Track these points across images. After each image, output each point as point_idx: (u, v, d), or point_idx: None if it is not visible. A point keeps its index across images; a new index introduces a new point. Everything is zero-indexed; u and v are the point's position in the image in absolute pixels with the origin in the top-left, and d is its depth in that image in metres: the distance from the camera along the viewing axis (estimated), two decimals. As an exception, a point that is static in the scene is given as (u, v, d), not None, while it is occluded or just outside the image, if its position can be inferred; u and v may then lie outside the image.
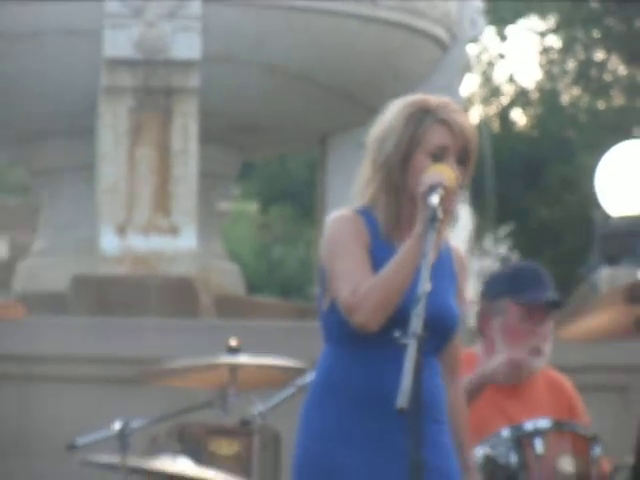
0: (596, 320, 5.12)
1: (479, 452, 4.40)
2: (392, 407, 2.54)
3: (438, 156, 3.10)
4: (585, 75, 25.51)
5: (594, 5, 26.65)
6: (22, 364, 9.28)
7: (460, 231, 16.28)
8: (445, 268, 3.23)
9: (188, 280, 10.96)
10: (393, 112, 3.15)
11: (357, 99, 11.91)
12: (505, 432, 4.65)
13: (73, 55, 11.19)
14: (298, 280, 19.09)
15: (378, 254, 2.96)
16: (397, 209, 3.09)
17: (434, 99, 3.30)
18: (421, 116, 3.11)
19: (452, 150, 3.07)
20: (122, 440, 5.58)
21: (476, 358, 5.30)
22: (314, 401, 3.29)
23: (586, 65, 25.36)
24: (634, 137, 20.08)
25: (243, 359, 5.90)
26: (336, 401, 3.17)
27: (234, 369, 5.95)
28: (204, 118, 11.06)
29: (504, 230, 24.56)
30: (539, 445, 4.52)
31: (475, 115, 22.82)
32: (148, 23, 10.85)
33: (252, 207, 23.45)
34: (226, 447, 6.57)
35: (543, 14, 26.81)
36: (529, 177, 22.43)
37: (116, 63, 10.88)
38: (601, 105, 25.73)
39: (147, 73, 10.96)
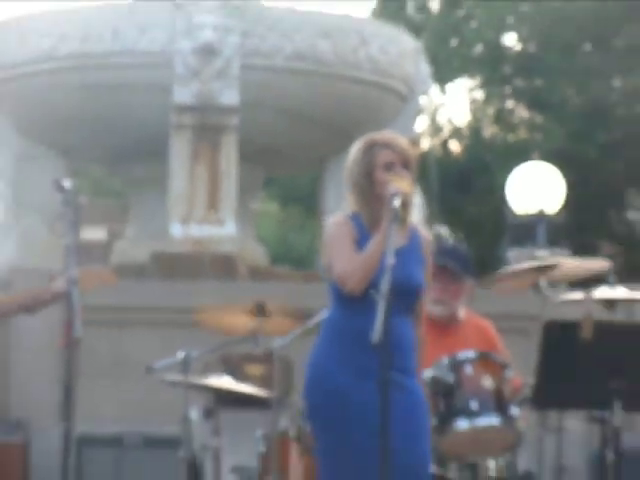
0: (509, 284, 5.51)
1: (427, 374, 4.43)
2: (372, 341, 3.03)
3: (389, 168, 3.46)
4: (500, 118, 25.64)
5: (507, 69, 25.19)
6: (116, 313, 9.55)
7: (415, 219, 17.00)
8: (415, 250, 3.61)
9: (230, 256, 11.22)
10: (355, 148, 3.60)
11: (346, 133, 11.26)
12: (445, 360, 4.70)
13: (154, 101, 11.40)
14: (306, 258, 19.86)
15: (364, 244, 3.37)
16: (373, 213, 3.44)
17: (379, 134, 3.79)
18: (371, 146, 3.57)
19: (397, 163, 3.49)
20: (184, 365, 5.84)
21: None
22: (323, 339, 3.72)
23: (501, 111, 25.55)
24: (532, 160, 20.08)
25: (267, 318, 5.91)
26: (338, 340, 3.58)
27: (261, 321, 5.83)
28: (240, 146, 11.27)
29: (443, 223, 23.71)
30: (468, 369, 4.66)
31: (425, 145, 22.32)
32: (202, 81, 11.10)
33: (274, 206, 24.52)
34: (255, 370, 7.68)
35: (472, 75, 26.09)
36: (462, 187, 22.10)
37: (181, 108, 11.16)
38: (511, 138, 24.65)
39: (202, 116, 11.28)
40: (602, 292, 5.46)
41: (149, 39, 11.53)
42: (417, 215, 8.67)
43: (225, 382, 6.10)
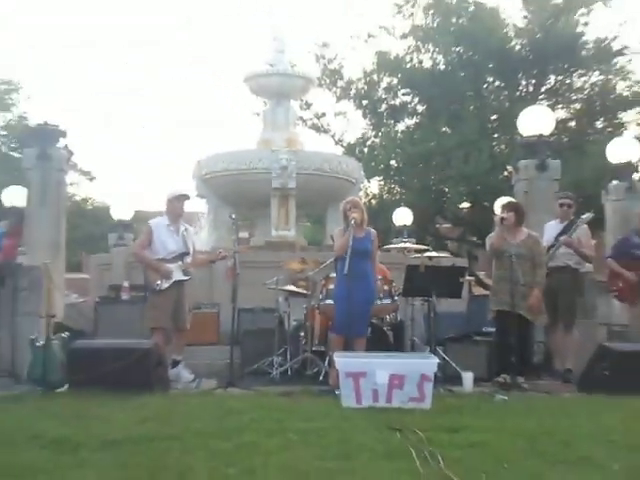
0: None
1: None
2: (352, 275, 8.71)
3: (351, 209, 9.27)
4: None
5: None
6: (252, 263, 12.69)
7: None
8: (367, 238, 9.36)
9: (292, 241, 15.85)
10: (342, 203, 9.65)
11: (335, 197, 16.05)
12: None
13: (267, 185, 15.97)
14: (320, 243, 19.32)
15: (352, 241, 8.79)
16: (348, 226, 9.05)
17: (349, 198, 10.40)
18: (346, 202, 9.56)
19: (353, 207, 9.28)
20: (278, 283, 10.55)
21: None
22: (338, 273, 9.35)
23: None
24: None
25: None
26: (342, 274, 8.89)
27: (304, 265, 10.93)
28: (296, 200, 16.06)
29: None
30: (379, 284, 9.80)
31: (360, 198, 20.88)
32: (283, 178, 15.67)
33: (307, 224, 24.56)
34: (303, 283, 10.85)
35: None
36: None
37: (275, 188, 15.75)
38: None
39: (282, 190, 15.81)
40: (426, 254, 10.99)
41: (267, 163, 16.01)
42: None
43: (291, 287, 10.85)
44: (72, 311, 11.33)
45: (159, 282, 10.05)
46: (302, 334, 10.36)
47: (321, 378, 9.20)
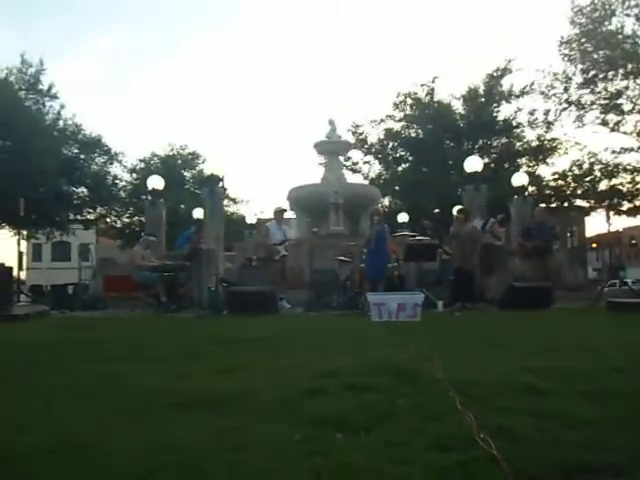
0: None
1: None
2: (375, 250, 8.96)
3: (374, 215, 9.41)
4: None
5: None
6: (312, 244, 12.69)
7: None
8: (383, 230, 8.88)
9: (341, 233, 14.80)
10: (369, 210, 10.46)
11: (366, 205, 15.15)
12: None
13: (327, 201, 15.20)
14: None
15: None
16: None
17: (374, 207, 12.14)
18: (372, 209, 10.42)
19: (376, 213, 9.32)
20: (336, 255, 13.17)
21: None
22: (367, 249, 9.07)
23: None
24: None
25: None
26: (370, 250, 8.94)
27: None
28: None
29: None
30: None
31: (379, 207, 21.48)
32: (335, 192, 15.02)
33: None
34: (348, 257, 10.55)
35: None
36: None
37: (331, 203, 15.10)
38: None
39: (336, 204, 15.00)
40: (416, 238, 13.29)
41: (327, 190, 15.35)
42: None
43: (342, 257, 10.59)
44: (227, 272, 11.28)
45: (275, 257, 10.56)
46: (348, 283, 10.22)
47: (359, 307, 9.01)
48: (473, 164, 13.35)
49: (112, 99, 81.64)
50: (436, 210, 19.17)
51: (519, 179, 13.87)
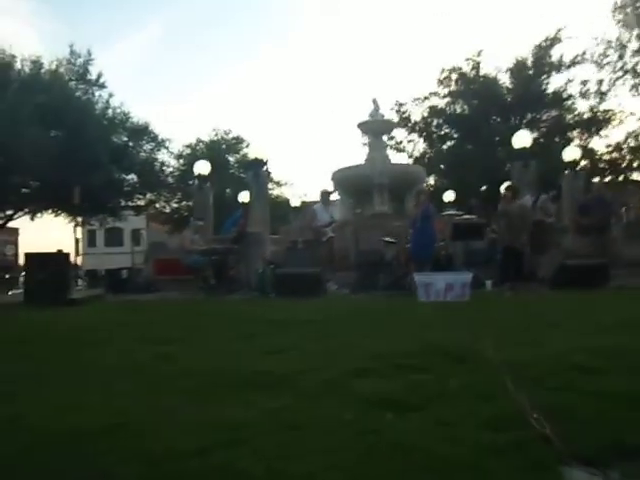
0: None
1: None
2: (420, 229, 9.07)
3: (419, 194, 9.94)
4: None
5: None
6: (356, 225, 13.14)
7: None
8: (428, 209, 8.80)
9: (386, 213, 14.67)
10: (415, 191, 12.86)
11: (410, 186, 14.95)
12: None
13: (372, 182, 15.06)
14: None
15: None
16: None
17: (420, 187, 12.54)
18: (416, 190, 11.17)
19: (421, 193, 10.21)
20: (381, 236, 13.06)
21: None
22: (413, 228, 8.91)
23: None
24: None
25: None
26: (416, 229, 8.83)
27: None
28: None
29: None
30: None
31: (425, 186, 20.31)
32: (380, 172, 14.83)
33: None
34: (393, 237, 10.37)
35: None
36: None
37: (376, 183, 14.91)
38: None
39: (380, 185, 14.88)
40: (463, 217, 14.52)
41: (371, 170, 15.18)
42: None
43: (387, 238, 10.28)
44: (274, 255, 11.36)
45: (322, 239, 10.63)
46: (394, 263, 10.16)
47: (406, 287, 8.95)
48: (521, 139, 13.03)
49: (156, 86, 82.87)
50: (483, 188, 18.85)
51: (570, 153, 13.54)
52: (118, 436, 2.04)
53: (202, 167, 13.64)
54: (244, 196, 14.27)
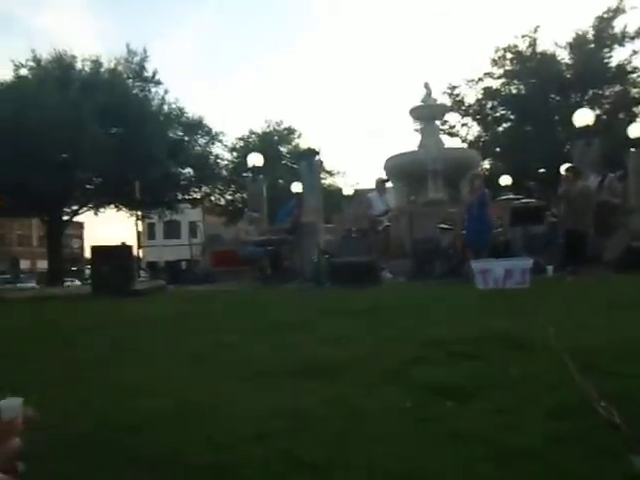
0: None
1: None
2: (475, 215, 8.85)
3: (473, 179, 9.83)
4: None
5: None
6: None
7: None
8: (483, 194, 8.55)
9: (441, 200, 15.05)
10: (469, 175, 11.28)
11: (465, 170, 14.49)
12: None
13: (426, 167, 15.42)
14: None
15: None
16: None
17: (475, 171, 11.60)
18: (471, 174, 10.34)
19: (476, 178, 10.05)
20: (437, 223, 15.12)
21: None
22: (468, 215, 8.76)
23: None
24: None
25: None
26: (471, 215, 8.67)
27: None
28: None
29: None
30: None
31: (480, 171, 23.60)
32: (434, 158, 15.06)
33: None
34: (448, 224, 11.80)
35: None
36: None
37: (430, 170, 15.11)
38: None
39: (434, 171, 15.32)
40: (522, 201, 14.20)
41: (425, 156, 15.48)
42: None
43: (443, 225, 10.60)
44: (328, 244, 11.66)
45: (378, 227, 10.60)
46: (450, 251, 10.07)
47: (463, 274, 8.84)
48: (583, 117, 12.74)
49: (208, 80, 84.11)
50: (542, 170, 18.39)
51: (636, 129, 13.17)
52: (179, 422, 2.09)
53: (255, 159, 13.97)
54: (297, 186, 14.40)
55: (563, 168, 9.75)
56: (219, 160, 28.47)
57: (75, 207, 24.16)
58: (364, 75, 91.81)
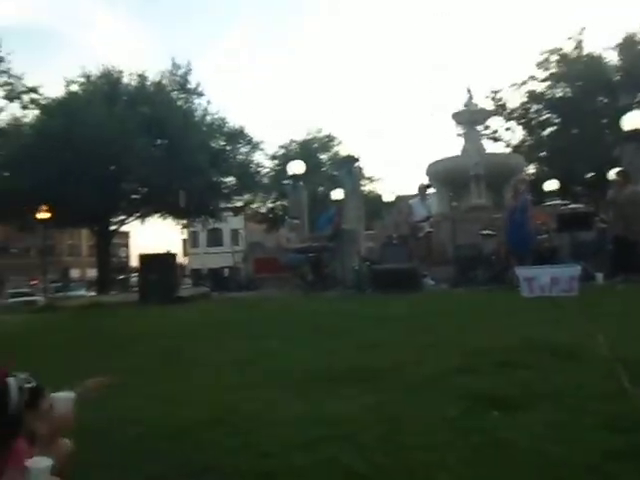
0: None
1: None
2: (516, 221, 8.59)
3: (518, 185, 9.58)
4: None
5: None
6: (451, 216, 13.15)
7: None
8: (525, 200, 8.58)
9: (484, 205, 14.05)
10: (512, 180, 12.25)
11: (506, 176, 14.54)
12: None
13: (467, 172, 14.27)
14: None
15: None
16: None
17: (520, 177, 12.46)
18: (515, 180, 10.89)
19: (521, 183, 9.50)
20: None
21: None
22: (509, 220, 8.51)
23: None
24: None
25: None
26: (512, 221, 8.38)
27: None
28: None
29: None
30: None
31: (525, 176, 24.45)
32: (476, 163, 14.02)
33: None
34: (491, 230, 12.66)
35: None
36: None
37: (473, 175, 14.10)
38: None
39: (477, 176, 14.09)
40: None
41: (467, 162, 14.49)
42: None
43: (486, 231, 10.10)
44: (369, 251, 11.64)
45: (419, 234, 10.49)
46: (493, 257, 9.86)
47: (507, 281, 8.55)
48: (633, 120, 12.11)
49: (249, 89, 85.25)
50: (589, 174, 17.89)
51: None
52: (224, 429, 2.11)
53: (296, 167, 14.01)
54: (337, 194, 14.35)
55: (613, 172, 9.36)
56: (260, 168, 28.88)
57: (122, 217, 24.82)
58: (408, 79, 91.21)
